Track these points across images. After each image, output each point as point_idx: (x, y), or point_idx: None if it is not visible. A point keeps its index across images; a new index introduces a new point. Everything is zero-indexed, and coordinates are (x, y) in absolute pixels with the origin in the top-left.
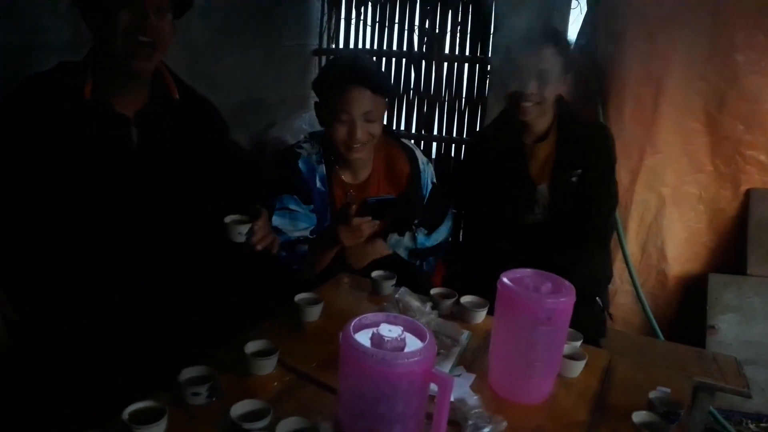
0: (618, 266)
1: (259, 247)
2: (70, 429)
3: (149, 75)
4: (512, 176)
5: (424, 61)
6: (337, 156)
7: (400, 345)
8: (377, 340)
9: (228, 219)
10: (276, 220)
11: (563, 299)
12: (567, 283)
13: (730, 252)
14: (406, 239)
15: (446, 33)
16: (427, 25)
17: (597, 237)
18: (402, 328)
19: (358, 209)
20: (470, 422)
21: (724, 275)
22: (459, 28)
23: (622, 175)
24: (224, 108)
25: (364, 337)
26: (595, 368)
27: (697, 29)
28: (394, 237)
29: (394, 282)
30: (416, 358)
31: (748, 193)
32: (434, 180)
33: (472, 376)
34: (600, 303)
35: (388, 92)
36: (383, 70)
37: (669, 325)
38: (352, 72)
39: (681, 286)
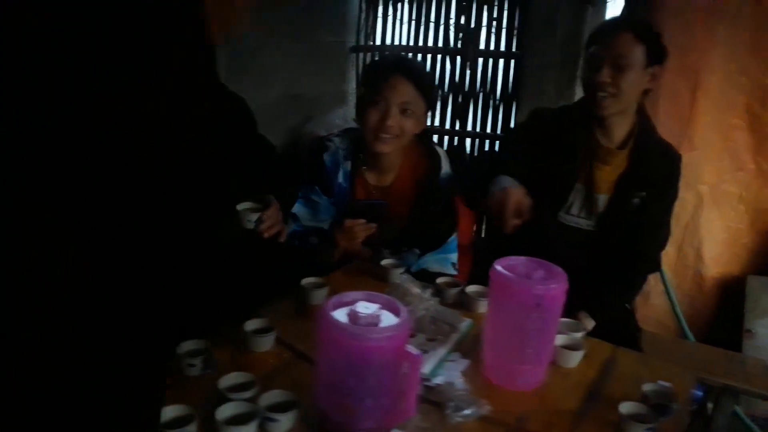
0: None
1: (266, 235)
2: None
3: None
4: (571, 177)
5: (459, 57)
6: (365, 154)
7: (374, 321)
8: (353, 316)
9: (240, 206)
10: (297, 208)
11: (554, 286)
12: (559, 270)
13: None
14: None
15: (481, 28)
16: (462, 21)
17: (649, 266)
18: (379, 306)
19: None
20: (452, 403)
21: (764, 278)
22: (495, 23)
23: None
24: (262, 102)
25: (342, 314)
26: (594, 360)
27: (738, 21)
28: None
29: (402, 270)
30: (388, 334)
31: None
32: (450, 199)
33: (466, 362)
34: (628, 306)
35: (430, 94)
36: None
37: (706, 328)
38: (398, 63)
39: (719, 288)
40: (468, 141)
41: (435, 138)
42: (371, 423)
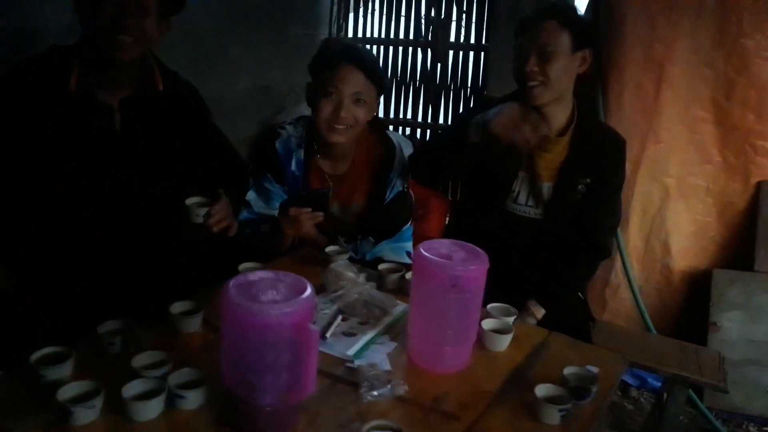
0: (619, 258)
1: (215, 229)
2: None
3: (133, 66)
4: (514, 165)
5: (429, 50)
6: (318, 142)
7: (275, 299)
8: (254, 293)
9: (188, 201)
10: (250, 195)
11: (472, 267)
12: (481, 252)
13: (739, 247)
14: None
15: (451, 21)
16: (432, 14)
17: (598, 253)
18: (285, 285)
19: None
20: (366, 383)
21: (730, 271)
22: (464, 16)
23: None
24: (229, 94)
25: (245, 291)
26: (524, 344)
27: (703, 12)
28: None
29: (345, 257)
30: (284, 310)
31: (758, 185)
32: (405, 187)
33: (393, 345)
34: (581, 296)
35: (381, 82)
36: (387, 58)
37: (673, 320)
38: (347, 52)
39: (686, 281)
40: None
41: (407, 131)
42: (271, 399)
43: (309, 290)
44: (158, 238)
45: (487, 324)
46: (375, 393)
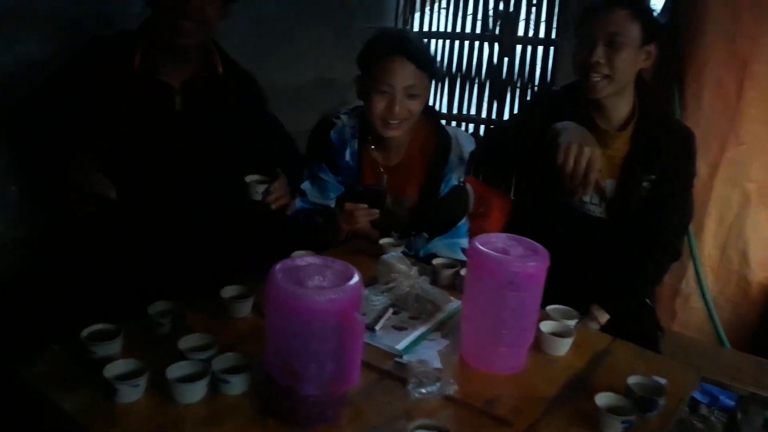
0: (691, 267)
1: (273, 206)
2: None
3: (194, 50)
4: None
5: (496, 44)
6: (373, 133)
7: (321, 285)
8: (300, 278)
9: (248, 178)
10: (305, 185)
11: (531, 263)
12: (540, 248)
13: None
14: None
15: (520, 14)
16: (501, 7)
17: (667, 255)
18: (333, 272)
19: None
20: (414, 379)
21: None
22: (534, 9)
23: (700, 168)
24: (293, 86)
25: (291, 275)
26: (585, 349)
27: None
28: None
29: (401, 249)
30: (330, 297)
31: None
32: (461, 181)
33: (445, 342)
34: (649, 303)
35: (433, 71)
36: (452, 53)
37: (750, 336)
38: (398, 43)
39: (766, 295)
40: None
41: (471, 127)
42: (314, 388)
43: (356, 278)
44: (214, 218)
45: (546, 326)
46: (423, 390)
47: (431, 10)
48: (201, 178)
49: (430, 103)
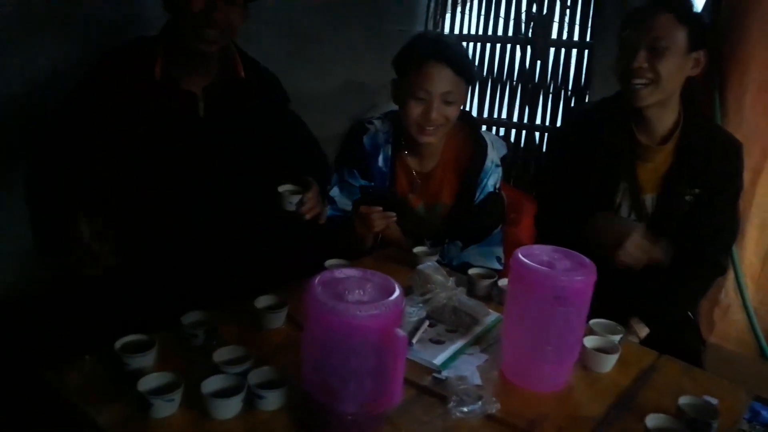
0: (731, 276)
1: (308, 217)
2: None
3: (216, 56)
4: (613, 178)
5: (529, 47)
6: (407, 139)
7: (362, 299)
8: (340, 292)
9: (281, 188)
10: (334, 192)
11: (578, 278)
12: (587, 261)
13: None
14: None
15: (553, 17)
16: (534, 9)
17: (712, 269)
18: (373, 285)
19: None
20: (455, 398)
21: None
22: (568, 11)
23: None
24: (323, 89)
25: (331, 289)
26: (631, 366)
27: None
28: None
29: (435, 257)
30: (372, 312)
31: None
32: (497, 187)
33: (484, 357)
34: (691, 316)
35: (470, 76)
36: (483, 56)
37: None
38: (436, 48)
39: None
40: (537, 135)
41: (502, 131)
42: (353, 407)
43: (398, 292)
44: (243, 225)
45: (590, 342)
46: (465, 409)
47: (462, 12)
48: (227, 183)
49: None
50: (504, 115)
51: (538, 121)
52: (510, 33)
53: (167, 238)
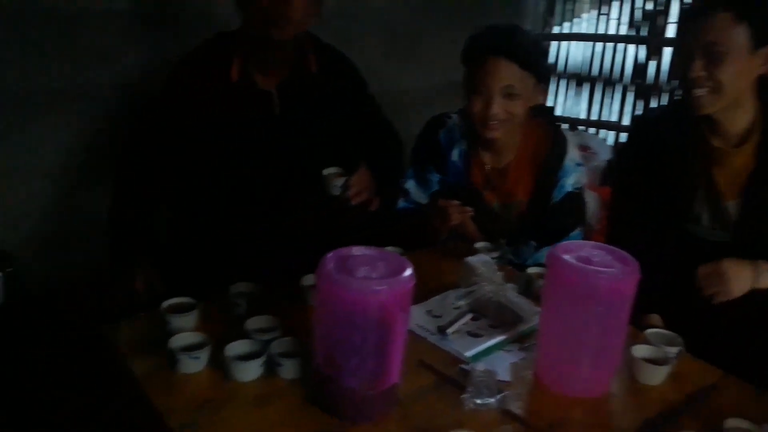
0: None
1: (353, 202)
2: None
3: (290, 50)
4: (688, 185)
5: (643, 46)
6: (478, 133)
7: (369, 276)
8: (349, 268)
9: (326, 171)
10: (409, 184)
11: (617, 276)
12: (630, 258)
13: None
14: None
15: (669, 15)
16: (650, 7)
17: None
18: (385, 264)
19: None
20: (471, 388)
21: None
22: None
23: None
24: (420, 88)
25: (341, 264)
26: (686, 381)
27: None
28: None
29: (496, 254)
30: (374, 288)
31: None
32: (577, 187)
33: (520, 355)
34: None
35: (539, 69)
36: (592, 56)
37: None
38: (497, 42)
39: None
40: None
41: (610, 134)
42: (356, 381)
43: (407, 273)
44: (315, 214)
45: (640, 351)
46: (478, 401)
47: (573, 10)
48: (300, 173)
49: (563, 106)
50: (614, 117)
51: None
52: (623, 32)
53: (241, 222)
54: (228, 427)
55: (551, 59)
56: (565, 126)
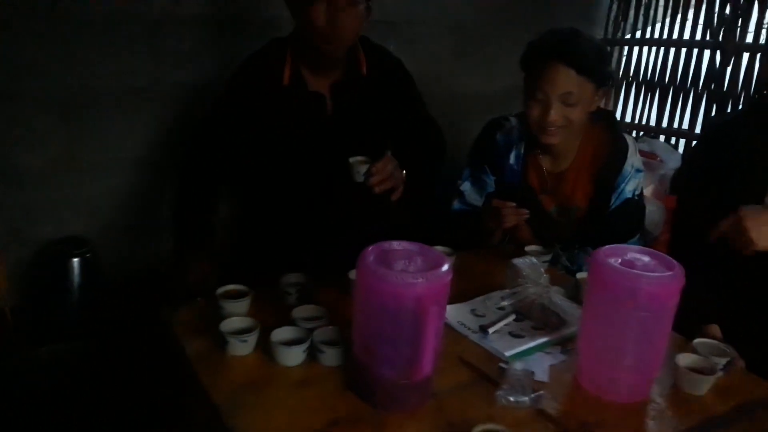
0: None
1: (377, 190)
2: None
3: (341, 58)
4: (761, 190)
5: (718, 52)
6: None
7: (405, 269)
8: (388, 261)
9: (351, 159)
10: (465, 186)
11: (661, 280)
12: (675, 264)
13: None
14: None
15: (749, 20)
16: (727, 11)
17: None
18: (424, 259)
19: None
20: (506, 385)
21: None
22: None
23: None
24: (487, 91)
25: (381, 257)
26: (734, 394)
27: None
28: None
29: (547, 258)
30: (409, 281)
31: None
32: (637, 194)
33: (562, 358)
34: None
35: (599, 75)
36: (666, 62)
37: None
38: (556, 47)
39: None
40: None
41: (682, 142)
42: (389, 371)
43: (444, 268)
44: (366, 212)
45: (685, 359)
46: (511, 398)
47: (646, 15)
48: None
49: (631, 113)
50: (685, 125)
51: None
52: (698, 37)
53: (296, 218)
54: (268, 407)
55: (623, 65)
56: (632, 133)
